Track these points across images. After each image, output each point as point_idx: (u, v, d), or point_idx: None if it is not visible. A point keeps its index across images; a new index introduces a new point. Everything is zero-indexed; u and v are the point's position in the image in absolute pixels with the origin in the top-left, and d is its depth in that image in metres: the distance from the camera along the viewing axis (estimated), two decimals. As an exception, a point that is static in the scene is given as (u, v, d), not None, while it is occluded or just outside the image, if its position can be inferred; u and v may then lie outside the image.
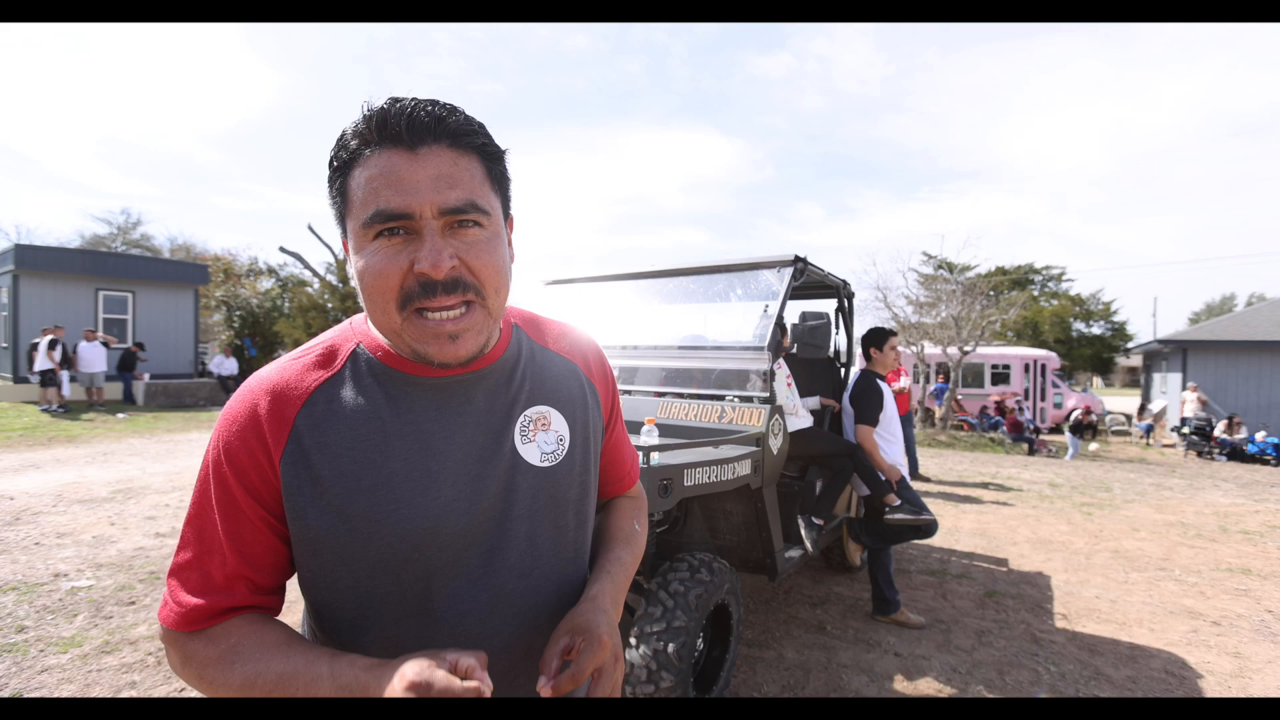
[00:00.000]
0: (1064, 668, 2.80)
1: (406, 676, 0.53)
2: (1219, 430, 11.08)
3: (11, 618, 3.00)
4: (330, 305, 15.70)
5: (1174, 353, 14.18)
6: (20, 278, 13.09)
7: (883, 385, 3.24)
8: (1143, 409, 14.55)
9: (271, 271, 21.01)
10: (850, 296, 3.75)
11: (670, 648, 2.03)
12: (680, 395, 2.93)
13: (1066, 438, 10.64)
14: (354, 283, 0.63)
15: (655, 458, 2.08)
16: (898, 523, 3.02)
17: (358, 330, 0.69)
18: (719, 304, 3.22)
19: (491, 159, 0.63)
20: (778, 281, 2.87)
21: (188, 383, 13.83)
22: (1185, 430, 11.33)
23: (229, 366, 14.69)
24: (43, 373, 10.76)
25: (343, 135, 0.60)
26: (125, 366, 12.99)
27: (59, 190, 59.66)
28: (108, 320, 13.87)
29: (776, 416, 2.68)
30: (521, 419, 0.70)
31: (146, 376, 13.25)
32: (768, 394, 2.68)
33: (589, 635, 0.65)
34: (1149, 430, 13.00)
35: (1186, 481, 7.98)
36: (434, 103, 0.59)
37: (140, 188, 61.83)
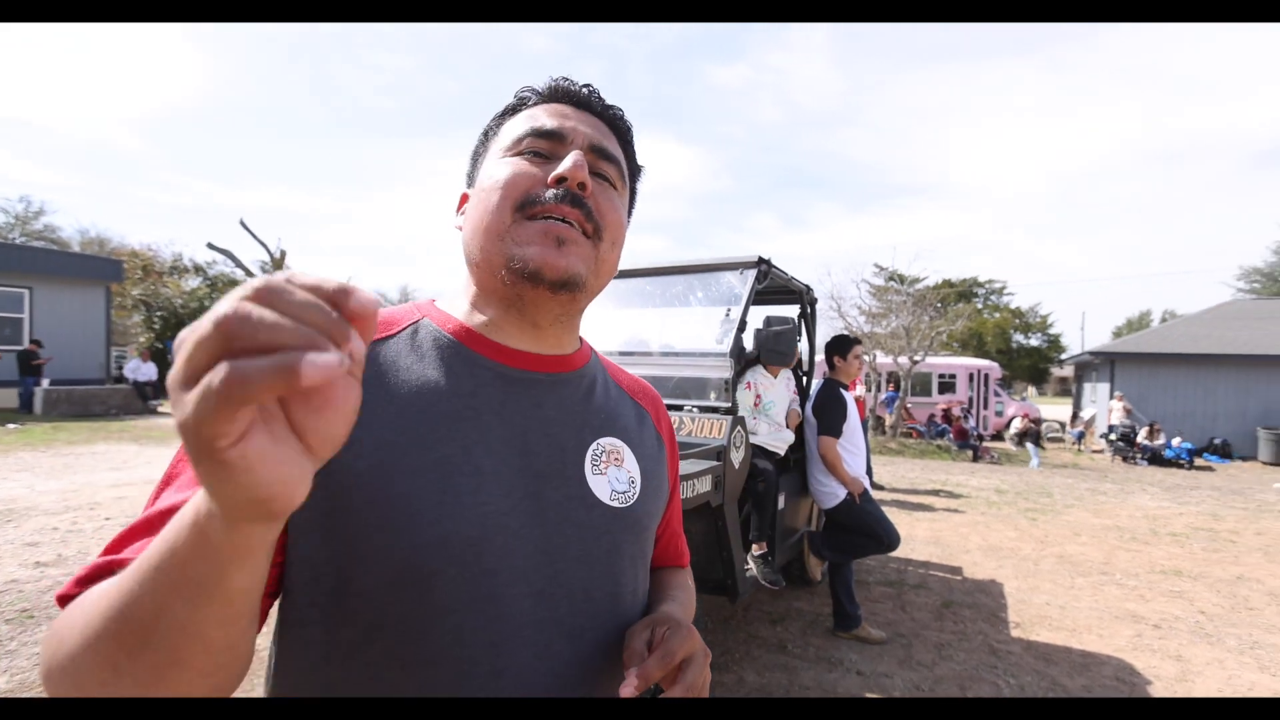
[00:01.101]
0: (1023, 679, 2.76)
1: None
2: (1141, 436, 11.81)
3: None
4: (265, 307, 14.69)
5: (1103, 364, 15.09)
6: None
7: (846, 395, 3.15)
8: (1075, 417, 15.42)
9: (199, 269, 19.70)
10: (813, 302, 3.67)
11: (624, 686, 1.82)
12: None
13: (1029, 449, 11.08)
14: (462, 220, 0.61)
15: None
16: (752, 574, 2.85)
17: (422, 308, 0.61)
18: (678, 308, 3.06)
19: (632, 163, 0.65)
20: (740, 284, 2.73)
21: (97, 389, 12.58)
22: (1112, 437, 12.04)
23: (147, 371, 13.59)
24: None
25: (514, 93, 0.62)
26: (27, 370, 11.65)
27: None
28: (-1, 319, 12.51)
29: (738, 428, 2.53)
30: (594, 446, 0.60)
31: (46, 381, 11.95)
32: (729, 404, 2.53)
33: (674, 623, 0.55)
34: (1080, 437, 13.76)
35: (1118, 486, 8.41)
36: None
37: (47, 175, 56.81)
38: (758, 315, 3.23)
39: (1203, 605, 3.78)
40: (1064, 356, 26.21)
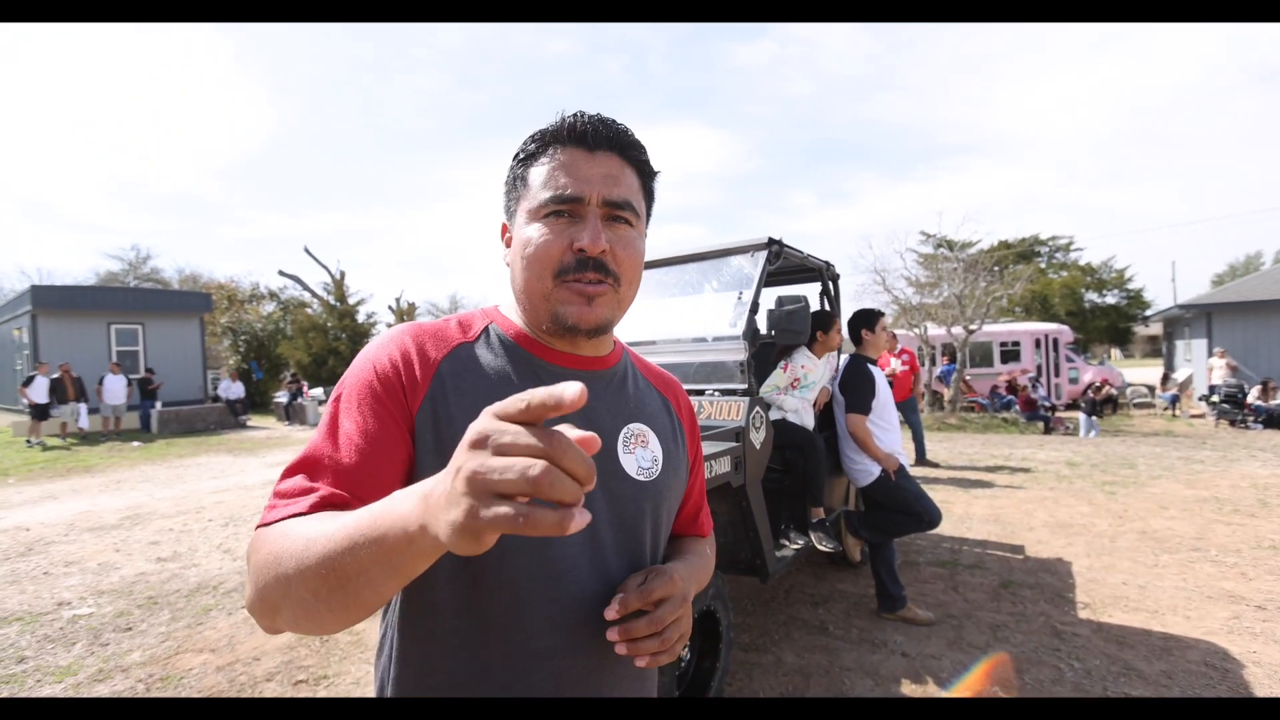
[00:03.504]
0: (1089, 663, 2.58)
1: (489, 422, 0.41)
2: (1253, 396, 10.58)
3: (14, 648, 3.02)
4: (330, 324, 15.83)
5: (1197, 318, 13.65)
6: (38, 317, 13.51)
7: (874, 370, 3.04)
8: (1166, 379, 14.02)
9: (272, 295, 21.34)
10: (835, 278, 3.56)
11: (645, 665, 1.87)
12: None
13: (1080, 419, 10.16)
14: (507, 260, 0.72)
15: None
16: (820, 540, 2.82)
17: (488, 313, 0.75)
18: (694, 295, 3.06)
19: (646, 175, 0.73)
20: (752, 266, 2.70)
21: (199, 408, 14.06)
22: (1214, 399, 10.86)
23: (236, 390, 14.90)
24: (35, 406, 10.92)
25: (532, 135, 0.70)
26: (146, 394, 13.26)
27: (76, 232, 62.20)
28: (120, 352, 14.25)
29: (757, 409, 2.51)
30: (625, 430, 0.74)
31: (159, 404, 13.47)
32: (746, 385, 2.52)
33: (662, 571, 0.67)
34: (1174, 401, 12.49)
35: (1219, 453, 7.59)
36: (613, 121, 0.70)
37: (150, 223, 63.87)
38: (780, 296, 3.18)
39: (1323, 584, 3.35)
40: (1149, 313, 23.57)
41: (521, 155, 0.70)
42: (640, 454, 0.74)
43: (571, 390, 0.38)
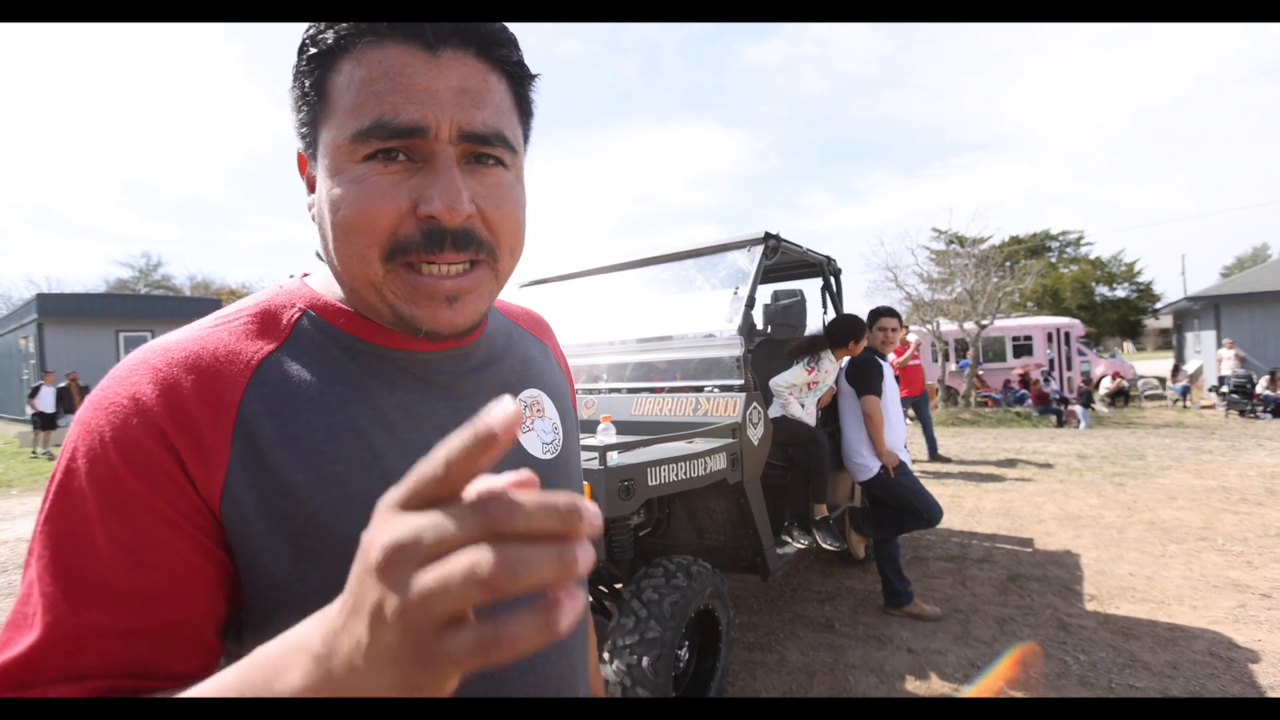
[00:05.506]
0: (1095, 656, 2.56)
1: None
2: (1261, 386, 10.50)
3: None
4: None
5: (1205, 309, 13.56)
6: (44, 325, 13.58)
7: (882, 362, 3.05)
8: (1176, 370, 13.93)
9: None
10: (837, 274, 3.55)
11: (644, 661, 1.87)
12: (654, 390, 2.78)
13: (1077, 410, 10.10)
14: (313, 211, 0.47)
15: (613, 458, 1.92)
16: (824, 538, 2.80)
17: (296, 293, 0.50)
18: (690, 292, 3.06)
19: (521, 83, 0.48)
20: (748, 262, 2.70)
21: (207, 416, 14.12)
22: (1224, 390, 10.79)
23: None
24: (41, 416, 10.80)
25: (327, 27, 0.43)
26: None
27: (86, 239, 62.84)
28: (128, 361, 14.25)
29: (754, 405, 2.50)
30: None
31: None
32: (743, 381, 2.51)
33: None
34: (1185, 392, 12.42)
35: (1228, 443, 7.54)
36: None
37: (161, 229, 64.80)
38: (776, 291, 3.18)
39: (1327, 570, 3.34)
40: (1158, 306, 23.55)
41: (314, 50, 0.43)
42: (540, 426, 0.58)
43: (500, 415, 0.24)
